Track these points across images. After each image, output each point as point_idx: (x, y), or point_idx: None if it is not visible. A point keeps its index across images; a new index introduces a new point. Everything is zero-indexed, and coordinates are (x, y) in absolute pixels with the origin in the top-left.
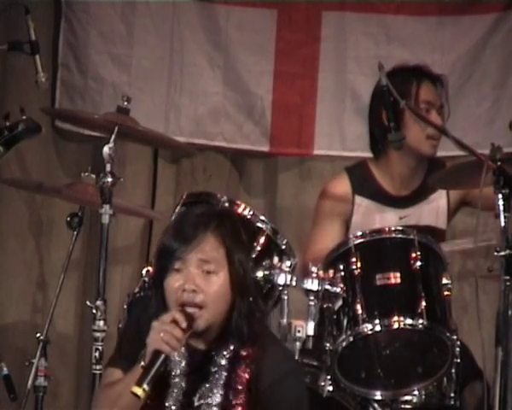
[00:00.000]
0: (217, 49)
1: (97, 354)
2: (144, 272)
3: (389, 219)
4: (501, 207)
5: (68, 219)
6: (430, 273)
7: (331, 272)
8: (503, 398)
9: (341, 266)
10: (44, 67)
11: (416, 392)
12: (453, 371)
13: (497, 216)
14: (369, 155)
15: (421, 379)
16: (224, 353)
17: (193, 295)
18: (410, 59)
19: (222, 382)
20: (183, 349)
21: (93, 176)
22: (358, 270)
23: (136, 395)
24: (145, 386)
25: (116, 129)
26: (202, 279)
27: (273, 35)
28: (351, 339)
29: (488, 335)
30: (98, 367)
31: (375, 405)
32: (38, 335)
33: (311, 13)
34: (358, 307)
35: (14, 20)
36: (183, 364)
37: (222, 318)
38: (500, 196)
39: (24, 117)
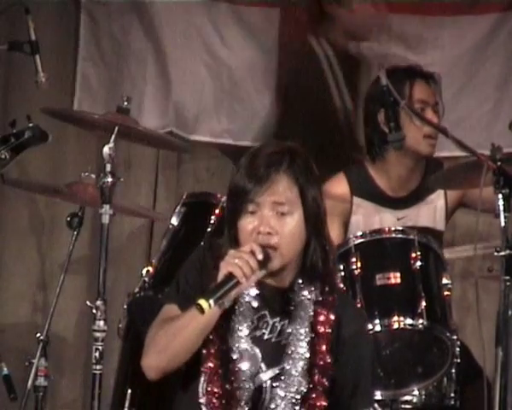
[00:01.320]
0: (220, 47)
1: (97, 354)
2: (144, 272)
3: (387, 220)
4: (501, 207)
5: (68, 219)
6: (430, 273)
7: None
8: (503, 398)
9: (341, 266)
10: (50, 67)
11: (415, 392)
12: (453, 371)
13: (497, 216)
14: None
15: (421, 379)
16: (307, 294)
17: (268, 237)
18: (410, 58)
19: (309, 321)
20: (256, 286)
21: (93, 176)
22: (358, 270)
23: (200, 308)
24: (211, 301)
25: (116, 129)
26: (277, 221)
27: (276, 33)
28: None
29: (489, 335)
30: (98, 367)
31: (375, 405)
32: (38, 335)
33: (313, 12)
34: (358, 307)
35: (14, 20)
36: (257, 296)
37: (297, 257)
38: (500, 196)
39: (30, 124)
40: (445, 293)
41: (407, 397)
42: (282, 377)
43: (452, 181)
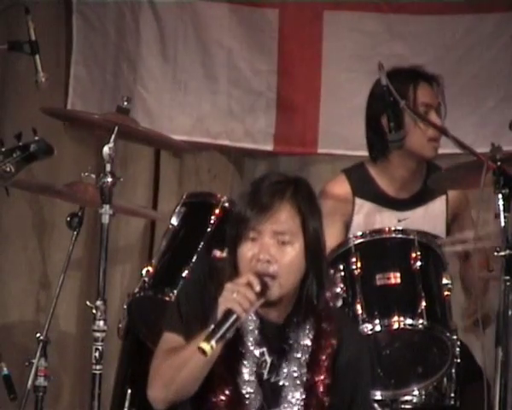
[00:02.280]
0: (220, 48)
1: (97, 354)
2: (144, 272)
3: (388, 221)
4: (501, 207)
5: (68, 219)
6: (430, 273)
7: (331, 272)
8: (503, 398)
9: (341, 266)
10: (45, 67)
11: (415, 392)
12: (453, 371)
13: (497, 216)
14: None
15: (421, 379)
16: (302, 332)
17: (267, 265)
18: (412, 58)
19: (304, 360)
20: (256, 319)
21: (93, 176)
22: (358, 270)
23: (203, 350)
24: (213, 343)
25: (116, 129)
26: (277, 250)
27: (275, 34)
28: None
29: (488, 335)
30: (98, 367)
31: (375, 405)
32: (38, 335)
33: (314, 12)
34: (358, 307)
35: (14, 20)
36: (257, 333)
37: (295, 289)
38: (500, 196)
39: (36, 138)
40: (445, 293)
41: (407, 397)
42: None
43: (452, 181)
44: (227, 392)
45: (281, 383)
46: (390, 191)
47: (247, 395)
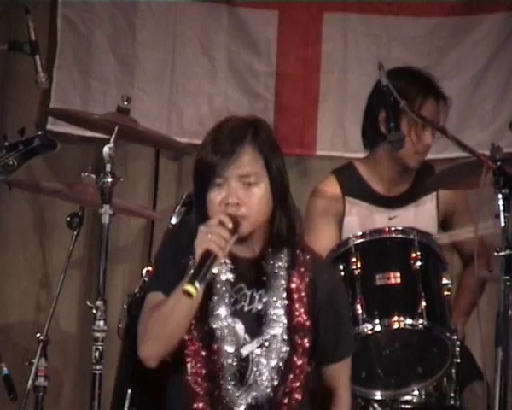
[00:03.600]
0: (219, 50)
1: (97, 354)
2: (144, 272)
3: (379, 219)
4: (501, 207)
5: (68, 219)
6: (430, 273)
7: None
8: (503, 398)
9: (341, 266)
10: (44, 68)
11: (415, 392)
12: (453, 371)
13: (497, 216)
14: None
15: (421, 379)
16: (278, 261)
17: (236, 207)
18: (411, 60)
19: (283, 288)
20: (228, 260)
21: (93, 176)
22: (358, 270)
23: (188, 293)
24: (196, 284)
25: (116, 129)
26: (244, 192)
27: (275, 36)
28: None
29: (488, 335)
30: (98, 367)
31: (375, 405)
32: (38, 335)
33: (313, 14)
34: (358, 307)
35: (14, 20)
36: (231, 270)
37: (264, 225)
38: (500, 196)
39: (40, 132)
40: (445, 293)
41: (407, 397)
42: (265, 346)
43: (452, 181)
44: (196, 331)
45: (262, 313)
46: (380, 190)
47: (225, 330)
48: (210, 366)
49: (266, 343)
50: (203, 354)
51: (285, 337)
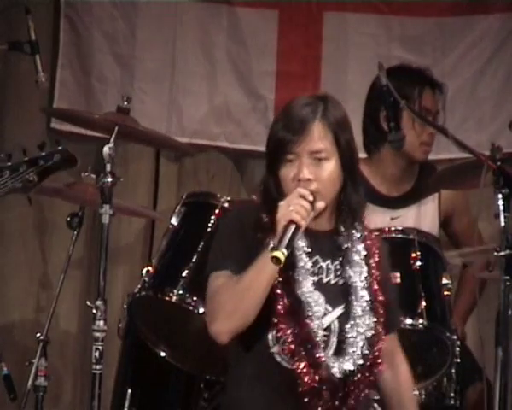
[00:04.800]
0: (219, 50)
1: (97, 354)
2: (144, 272)
3: (380, 219)
4: (501, 207)
5: (68, 219)
6: (430, 273)
7: None
8: (503, 398)
9: None
10: (44, 68)
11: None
12: (453, 371)
13: (497, 216)
14: None
15: (421, 379)
16: (353, 235)
17: (307, 183)
18: (411, 59)
19: (363, 261)
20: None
21: (93, 176)
22: None
23: (276, 259)
24: (284, 250)
25: (116, 129)
26: (315, 167)
27: (275, 35)
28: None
29: (488, 335)
30: (98, 367)
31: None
32: (38, 335)
33: (313, 13)
34: None
35: (14, 20)
36: (306, 243)
37: (336, 198)
38: (500, 196)
39: (60, 147)
40: (445, 293)
41: None
42: (350, 318)
43: (452, 181)
44: (285, 301)
45: (341, 283)
46: (382, 189)
47: (310, 301)
48: (301, 334)
49: (350, 317)
50: (292, 324)
51: (370, 312)
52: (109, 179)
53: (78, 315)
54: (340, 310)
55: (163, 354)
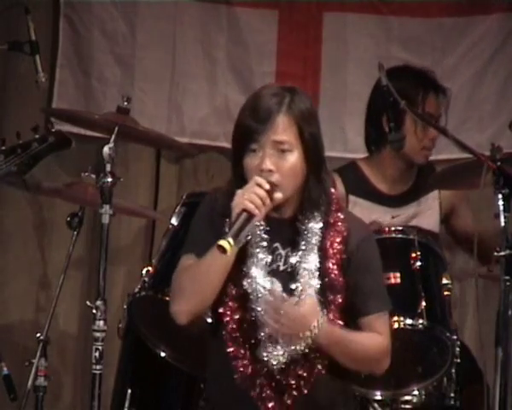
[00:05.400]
0: (218, 50)
1: (97, 354)
2: (144, 271)
3: (382, 218)
4: (501, 208)
5: (68, 219)
6: (430, 273)
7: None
8: (503, 398)
9: None
10: (44, 68)
11: (415, 392)
12: (453, 371)
13: (497, 216)
14: None
15: (421, 379)
16: (312, 221)
17: (269, 174)
18: (411, 60)
19: (316, 246)
20: (262, 222)
21: (93, 176)
22: None
23: (222, 248)
24: (230, 239)
25: (116, 129)
26: (277, 158)
27: (274, 36)
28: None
29: (488, 335)
30: (98, 367)
31: (375, 405)
32: (38, 335)
33: (313, 14)
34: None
35: (14, 20)
36: (265, 231)
37: (298, 190)
38: (500, 196)
39: (53, 130)
40: (445, 293)
41: (407, 397)
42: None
43: (452, 181)
44: (233, 290)
45: (295, 271)
46: (383, 188)
47: (260, 291)
48: (245, 326)
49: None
50: (239, 315)
51: (319, 294)
52: (109, 179)
53: (78, 315)
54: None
55: (163, 354)
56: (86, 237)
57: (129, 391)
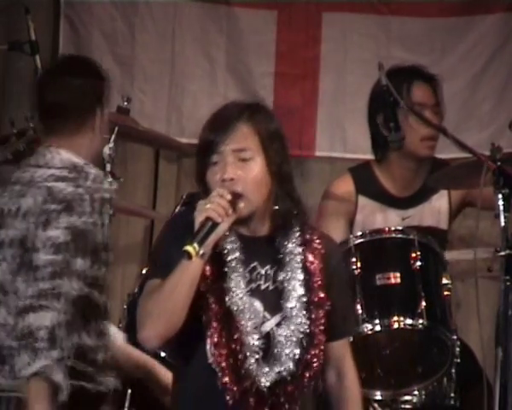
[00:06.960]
0: (218, 51)
1: None
2: (144, 271)
3: (392, 220)
4: (501, 208)
5: None
6: (430, 273)
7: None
8: (503, 398)
9: None
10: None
11: (415, 392)
12: (453, 371)
13: (497, 216)
14: (370, 156)
15: (421, 379)
16: (291, 238)
17: (232, 183)
18: (410, 60)
19: (300, 264)
20: (235, 238)
21: None
22: (358, 270)
23: (188, 253)
24: (195, 244)
25: (116, 129)
26: (239, 168)
27: (274, 36)
28: (351, 339)
29: (488, 335)
30: None
31: (375, 405)
32: None
33: (312, 14)
34: (358, 307)
35: (14, 20)
36: (242, 250)
37: (265, 203)
38: (500, 196)
39: None
40: (445, 293)
41: (407, 397)
42: (285, 322)
43: (452, 181)
44: (217, 311)
45: (280, 289)
46: (393, 190)
47: (243, 309)
48: (232, 344)
49: (286, 319)
50: (224, 333)
51: (304, 312)
52: (109, 179)
53: None
54: (278, 317)
55: (163, 354)
56: None
57: (129, 391)
